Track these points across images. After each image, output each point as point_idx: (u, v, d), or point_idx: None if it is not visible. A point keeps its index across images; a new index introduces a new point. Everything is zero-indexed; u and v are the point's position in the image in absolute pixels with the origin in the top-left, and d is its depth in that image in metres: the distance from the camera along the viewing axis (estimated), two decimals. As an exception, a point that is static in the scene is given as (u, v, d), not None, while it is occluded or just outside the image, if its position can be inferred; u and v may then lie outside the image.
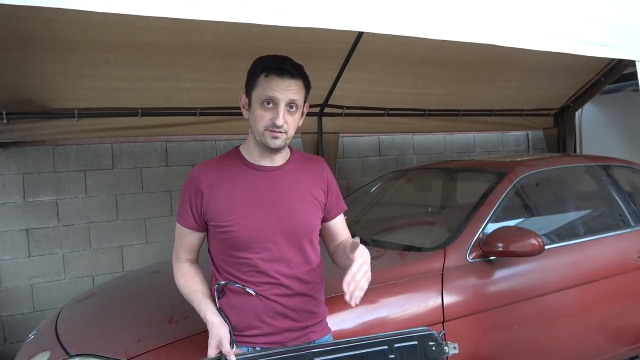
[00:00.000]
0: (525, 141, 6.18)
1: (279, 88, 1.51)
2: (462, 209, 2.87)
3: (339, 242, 1.77)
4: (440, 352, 1.62)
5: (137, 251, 4.05)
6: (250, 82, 1.57)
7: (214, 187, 1.58)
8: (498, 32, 1.83)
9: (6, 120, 3.21)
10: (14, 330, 3.65)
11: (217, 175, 1.60)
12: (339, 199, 1.77)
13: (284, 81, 1.52)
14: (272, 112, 1.53)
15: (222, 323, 1.53)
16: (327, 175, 1.73)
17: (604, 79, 4.92)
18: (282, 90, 1.52)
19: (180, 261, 1.69)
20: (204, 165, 1.64)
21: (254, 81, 1.55)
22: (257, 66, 1.55)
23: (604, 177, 3.22)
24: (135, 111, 3.51)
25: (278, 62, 1.52)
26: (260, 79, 1.53)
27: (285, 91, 1.52)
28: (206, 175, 1.59)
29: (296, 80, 1.54)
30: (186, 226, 1.63)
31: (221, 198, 1.57)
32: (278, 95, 1.51)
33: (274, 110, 1.53)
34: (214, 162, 1.65)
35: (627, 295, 2.87)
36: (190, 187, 1.60)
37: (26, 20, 2.67)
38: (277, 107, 1.52)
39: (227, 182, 1.59)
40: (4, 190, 3.63)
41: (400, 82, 4.13)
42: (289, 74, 1.52)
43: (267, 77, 1.52)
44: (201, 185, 1.58)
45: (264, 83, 1.52)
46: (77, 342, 2.06)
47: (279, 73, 1.51)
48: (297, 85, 1.55)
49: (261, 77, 1.53)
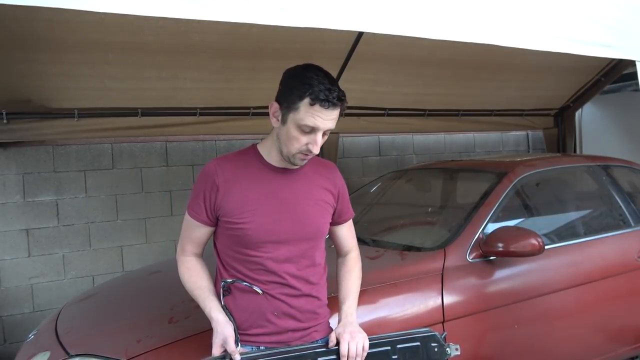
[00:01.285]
0: (525, 141, 6.18)
1: (321, 118, 1.48)
2: (462, 209, 2.87)
3: (344, 249, 1.81)
4: (442, 353, 1.62)
5: (137, 251, 4.05)
6: (290, 99, 1.49)
7: (230, 183, 1.58)
8: (498, 32, 1.83)
9: (6, 120, 3.21)
10: (14, 330, 3.65)
11: (233, 172, 1.59)
12: (348, 206, 1.78)
13: (329, 113, 1.49)
14: (308, 137, 1.51)
15: (227, 321, 1.53)
16: (339, 181, 1.74)
17: (604, 79, 4.92)
18: (324, 120, 1.49)
19: (185, 254, 1.68)
20: (221, 160, 1.63)
21: (296, 103, 1.48)
22: (303, 88, 1.47)
23: (604, 177, 3.21)
24: (135, 111, 3.51)
25: (327, 94, 1.46)
26: (304, 103, 1.47)
27: (327, 122, 1.50)
28: (223, 171, 1.59)
29: (337, 109, 1.51)
30: (197, 219, 1.62)
31: (236, 195, 1.57)
32: (320, 125, 1.49)
33: (310, 135, 1.51)
34: (231, 158, 1.64)
35: (627, 295, 2.87)
36: (206, 180, 1.59)
37: (26, 20, 2.66)
38: (315, 134, 1.50)
39: (243, 180, 1.59)
40: (4, 190, 3.63)
41: (400, 82, 4.13)
42: (334, 106, 1.49)
43: (312, 106, 1.47)
44: (217, 180, 1.57)
45: (307, 109, 1.47)
46: (77, 342, 2.05)
47: (327, 105, 1.47)
48: (337, 114, 1.52)
49: (305, 102, 1.47)
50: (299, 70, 1.53)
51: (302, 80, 1.48)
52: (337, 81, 1.54)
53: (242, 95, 3.63)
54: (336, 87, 1.49)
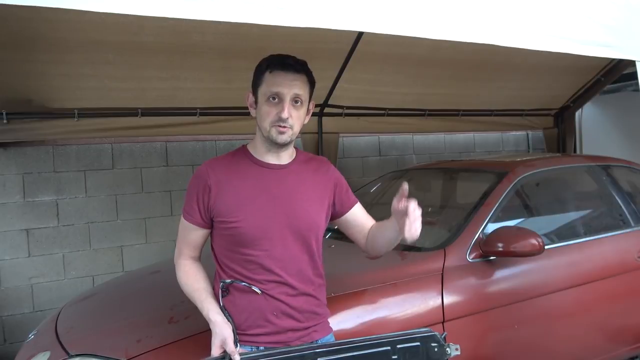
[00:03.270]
0: (525, 141, 6.18)
1: (283, 83, 1.55)
2: (462, 209, 2.87)
3: (367, 229, 1.80)
4: (443, 354, 1.62)
5: (137, 251, 4.05)
6: (255, 80, 1.61)
7: (222, 184, 1.59)
8: (498, 32, 1.83)
9: (6, 120, 3.21)
10: (14, 330, 3.65)
11: (225, 172, 1.61)
12: (349, 193, 1.79)
13: (289, 76, 1.55)
14: (277, 107, 1.56)
15: (225, 322, 1.53)
16: (332, 172, 1.75)
17: (604, 79, 4.92)
18: (286, 84, 1.55)
19: (183, 258, 1.69)
20: (212, 162, 1.65)
21: (259, 78, 1.59)
22: (262, 64, 1.59)
23: (604, 177, 3.21)
24: (135, 111, 3.51)
25: (282, 58, 1.57)
26: (265, 75, 1.57)
27: (290, 86, 1.55)
28: (214, 172, 1.60)
29: (300, 75, 1.58)
30: (192, 222, 1.63)
31: (229, 195, 1.58)
32: (283, 90, 1.55)
33: (279, 105, 1.56)
34: (221, 159, 1.66)
35: (627, 295, 2.87)
36: (198, 183, 1.60)
37: (26, 20, 2.67)
38: (282, 102, 1.55)
39: (234, 180, 1.60)
40: (4, 190, 3.63)
41: (400, 82, 4.13)
42: (293, 69, 1.56)
43: (272, 73, 1.56)
44: (209, 181, 1.59)
45: (269, 79, 1.56)
46: (77, 342, 2.06)
47: (283, 68, 1.55)
48: (302, 80, 1.58)
49: (266, 74, 1.57)
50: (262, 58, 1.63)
51: (262, 60, 1.61)
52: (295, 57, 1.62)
53: (242, 95, 3.58)
54: (293, 57, 1.59)
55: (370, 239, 1.78)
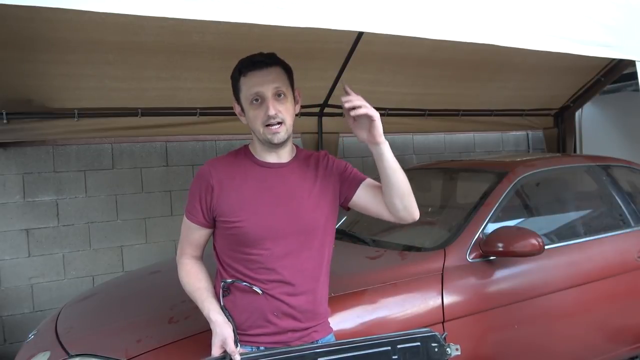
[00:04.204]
0: (525, 141, 6.18)
1: (259, 82, 1.54)
2: (462, 209, 2.87)
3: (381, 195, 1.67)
4: (443, 354, 1.62)
5: (137, 251, 4.05)
6: (234, 89, 1.62)
7: (224, 183, 1.59)
8: (498, 32, 1.83)
9: (6, 120, 3.21)
10: (14, 330, 3.65)
11: (227, 172, 1.61)
12: (355, 172, 1.71)
13: (262, 72, 1.55)
14: (262, 107, 1.56)
15: (226, 322, 1.53)
16: (331, 161, 1.72)
17: (604, 79, 4.92)
18: (263, 82, 1.54)
19: (185, 257, 1.69)
20: (214, 162, 1.65)
21: (237, 86, 1.60)
22: (234, 72, 1.61)
23: (604, 177, 3.22)
24: (135, 111, 3.51)
25: (250, 58, 1.57)
26: (241, 81, 1.58)
27: (267, 82, 1.55)
28: (217, 172, 1.61)
29: (273, 68, 1.57)
30: (194, 221, 1.63)
31: (231, 194, 1.58)
32: (261, 89, 1.55)
33: (263, 105, 1.56)
34: (224, 159, 1.66)
35: (627, 295, 2.87)
36: (201, 182, 1.61)
37: (26, 20, 2.66)
38: (265, 100, 1.55)
39: (237, 179, 1.60)
40: (4, 190, 3.63)
41: (400, 82, 4.13)
42: (264, 65, 1.55)
43: (246, 76, 1.56)
44: (212, 181, 1.59)
45: (245, 83, 1.57)
46: (77, 342, 2.06)
47: (254, 67, 1.55)
48: (276, 72, 1.57)
49: (241, 79, 1.58)
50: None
51: (234, 69, 1.62)
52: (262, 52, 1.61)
53: (242, 95, 3.63)
54: (261, 53, 1.58)
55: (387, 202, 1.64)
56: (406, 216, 1.67)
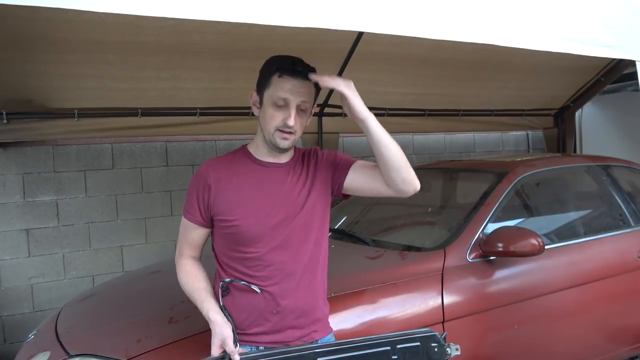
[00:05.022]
0: (525, 141, 6.18)
1: (292, 90, 1.52)
2: (462, 209, 2.87)
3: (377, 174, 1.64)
4: (443, 354, 1.62)
5: (137, 251, 4.05)
6: (262, 80, 1.57)
7: (222, 183, 1.59)
8: (498, 32, 1.83)
9: (6, 120, 3.21)
10: (14, 330, 3.65)
11: (224, 171, 1.61)
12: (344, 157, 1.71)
13: (297, 82, 1.52)
14: (283, 112, 1.54)
15: (225, 322, 1.53)
16: (320, 154, 1.71)
17: (604, 79, 4.92)
18: (295, 92, 1.53)
19: (183, 258, 1.69)
20: (212, 161, 1.66)
21: (267, 80, 1.55)
22: (270, 65, 1.55)
23: (604, 177, 3.21)
24: (135, 111, 3.51)
25: (292, 63, 1.53)
26: (273, 78, 1.54)
27: (298, 93, 1.53)
28: (214, 171, 1.61)
29: (309, 82, 1.54)
30: (192, 221, 1.63)
31: (228, 193, 1.58)
32: (290, 97, 1.52)
33: (285, 111, 1.54)
34: (222, 159, 1.67)
35: (627, 295, 2.87)
36: (198, 181, 1.61)
37: (26, 20, 2.67)
38: (288, 108, 1.54)
39: (234, 179, 1.60)
40: (4, 190, 3.63)
41: (400, 82, 4.13)
42: (302, 76, 1.52)
43: (281, 78, 1.52)
44: (209, 180, 1.59)
45: (277, 83, 1.53)
46: (77, 342, 2.06)
47: (292, 74, 1.52)
48: (309, 87, 1.56)
49: (275, 77, 1.53)
50: (270, 57, 1.60)
51: (271, 60, 1.57)
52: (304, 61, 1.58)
53: (242, 95, 3.61)
54: (302, 62, 1.55)
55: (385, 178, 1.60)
56: (406, 188, 1.62)
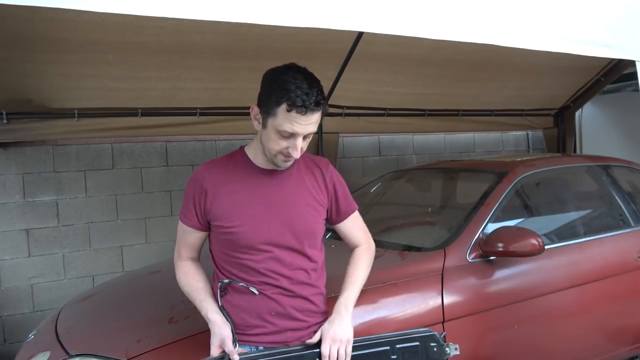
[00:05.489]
0: (525, 141, 6.18)
1: (299, 124, 1.44)
2: (462, 209, 2.87)
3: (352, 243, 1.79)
4: (442, 353, 1.62)
5: (137, 251, 4.05)
6: (268, 104, 1.46)
7: (219, 188, 1.57)
8: (498, 32, 1.83)
9: (6, 120, 3.21)
10: (14, 330, 3.65)
11: (222, 176, 1.59)
12: (347, 200, 1.75)
13: (307, 117, 1.45)
14: (288, 141, 1.48)
15: (224, 322, 1.53)
16: (331, 176, 1.70)
17: (604, 79, 4.92)
18: (302, 125, 1.45)
19: (181, 259, 1.69)
20: (209, 165, 1.63)
21: (273, 109, 1.44)
22: (280, 93, 1.43)
23: (604, 177, 3.21)
24: (135, 111, 3.51)
25: (303, 99, 1.41)
26: (281, 109, 1.43)
27: (306, 127, 1.47)
28: (211, 175, 1.59)
29: (318, 111, 1.47)
30: (189, 225, 1.63)
31: (225, 199, 1.57)
32: (298, 130, 1.46)
33: (290, 140, 1.48)
34: (218, 162, 1.64)
35: (627, 295, 2.86)
36: (195, 186, 1.60)
37: (26, 20, 2.67)
38: (294, 138, 1.48)
39: (231, 184, 1.58)
40: (4, 190, 3.63)
41: (400, 82, 4.13)
42: (311, 111, 1.45)
43: (289, 113, 1.43)
44: (206, 185, 1.57)
45: (285, 115, 1.43)
46: (77, 342, 2.05)
47: (305, 111, 1.43)
48: (317, 116, 1.48)
49: (282, 108, 1.43)
50: (278, 73, 1.47)
51: (280, 85, 1.44)
52: (318, 82, 1.48)
53: (242, 95, 3.63)
54: (314, 91, 1.44)
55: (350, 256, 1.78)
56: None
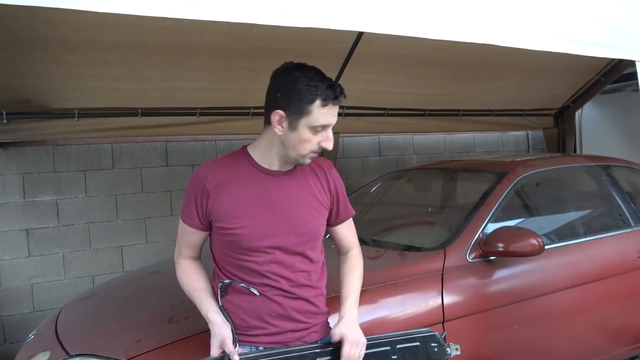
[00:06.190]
0: (525, 141, 6.18)
1: (332, 114, 1.52)
2: (462, 209, 2.87)
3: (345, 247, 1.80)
4: (442, 354, 1.62)
5: (137, 251, 4.05)
6: (299, 106, 1.49)
7: (221, 188, 1.57)
8: (498, 32, 1.83)
9: (6, 120, 3.21)
10: (14, 330, 3.64)
11: (224, 176, 1.58)
12: (346, 205, 1.76)
13: (336, 107, 1.54)
14: (320, 135, 1.53)
15: (224, 322, 1.53)
16: (334, 179, 1.71)
17: (604, 79, 4.92)
18: (335, 115, 1.54)
19: (182, 258, 1.69)
20: (211, 165, 1.62)
21: (306, 108, 1.48)
22: (311, 92, 1.48)
23: (604, 177, 3.21)
24: (135, 111, 3.51)
25: (334, 91, 1.50)
26: (315, 105, 1.48)
27: (335, 115, 1.55)
28: (213, 176, 1.58)
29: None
30: (190, 225, 1.62)
31: (227, 200, 1.56)
32: (332, 121, 1.54)
33: (322, 133, 1.54)
34: (221, 162, 1.63)
35: (627, 295, 2.87)
36: (197, 186, 1.58)
37: (26, 20, 2.67)
38: (326, 130, 1.54)
39: (234, 184, 1.57)
40: (4, 190, 3.63)
41: (400, 82, 4.13)
42: (341, 98, 1.53)
43: (326, 107, 1.50)
44: (208, 186, 1.56)
45: (320, 110, 1.49)
46: (77, 342, 2.06)
47: (336, 100, 1.51)
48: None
49: (317, 104, 1.48)
50: (292, 74, 1.50)
51: (305, 84, 1.48)
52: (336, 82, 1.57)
53: (242, 95, 3.63)
54: (333, 81, 1.54)
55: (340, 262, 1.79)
56: None
